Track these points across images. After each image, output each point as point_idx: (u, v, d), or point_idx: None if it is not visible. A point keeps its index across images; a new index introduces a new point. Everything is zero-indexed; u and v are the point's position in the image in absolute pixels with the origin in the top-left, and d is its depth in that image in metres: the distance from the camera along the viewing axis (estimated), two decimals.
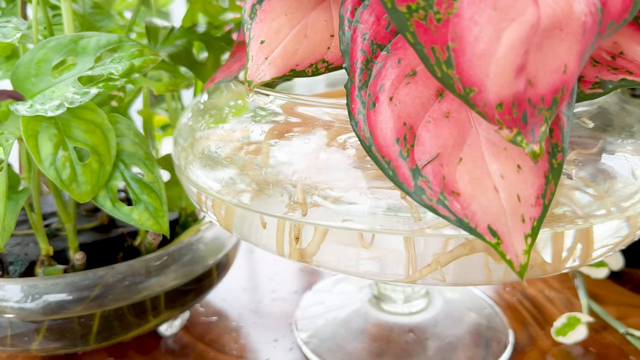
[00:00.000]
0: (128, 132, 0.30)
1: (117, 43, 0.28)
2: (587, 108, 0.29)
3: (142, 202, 0.29)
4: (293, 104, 0.28)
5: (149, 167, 0.29)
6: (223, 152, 0.29)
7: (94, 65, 0.28)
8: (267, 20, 0.26)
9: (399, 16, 0.18)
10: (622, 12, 0.20)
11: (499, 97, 0.18)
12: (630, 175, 0.29)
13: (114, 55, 0.28)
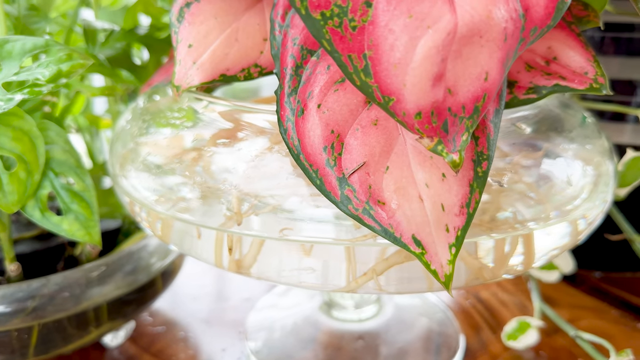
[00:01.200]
0: (58, 140, 0.29)
1: (44, 47, 0.27)
2: (529, 112, 0.29)
3: (72, 212, 0.28)
4: (230, 110, 0.28)
5: (80, 175, 0.28)
6: (157, 160, 0.28)
7: (20, 71, 0.26)
8: (196, 23, 0.25)
9: (313, 23, 0.18)
10: (545, 18, 0.19)
11: (417, 107, 0.18)
12: (569, 180, 0.29)
13: (41, 60, 0.27)
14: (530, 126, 0.29)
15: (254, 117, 0.27)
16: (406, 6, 0.17)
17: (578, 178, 0.30)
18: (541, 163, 0.29)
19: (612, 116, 0.42)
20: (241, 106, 0.27)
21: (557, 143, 0.30)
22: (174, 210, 0.27)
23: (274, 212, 0.26)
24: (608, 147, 0.32)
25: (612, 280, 0.47)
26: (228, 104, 0.27)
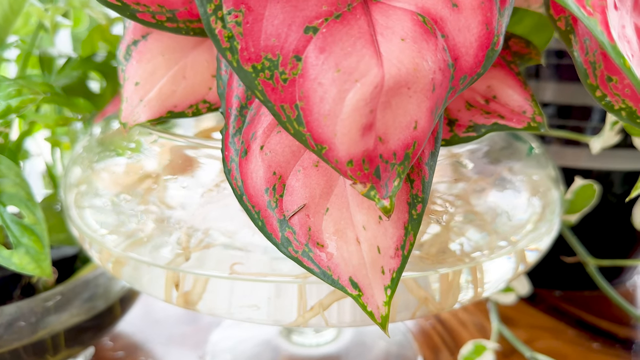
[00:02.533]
0: (9, 173, 0.29)
1: None
2: (476, 145, 0.30)
3: (22, 246, 0.28)
4: (180, 145, 0.28)
5: (31, 208, 0.28)
6: (107, 193, 0.29)
7: None
8: (143, 61, 0.25)
9: (245, 75, 0.18)
10: (474, 66, 0.20)
11: (348, 155, 0.18)
12: (516, 210, 0.30)
13: None
14: (477, 159, 0.29)
15: (203, 152, 0.27)
16: (334, 61, 0.18)
17: (525, 208, 0.30)
18: (488, 195, 0.30)
19: (567, 140, 0.43)
20: (191, 141, 0.27)
21: (504, 174, 0.31)
22: (122, 245, 0.27)
23: (224, 247, 0.27)
24: (555, 176, 0.32)
25: (571, 299, 0.48)
26: (177, 139, 0.27)
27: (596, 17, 0.15)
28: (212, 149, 0.27)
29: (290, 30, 0.18)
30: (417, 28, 0.19)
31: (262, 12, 0.18)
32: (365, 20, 0.19)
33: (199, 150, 0.27)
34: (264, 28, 0.18)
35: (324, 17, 0.18)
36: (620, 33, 0.16)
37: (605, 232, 0.44)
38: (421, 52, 0.18)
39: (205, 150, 0.27)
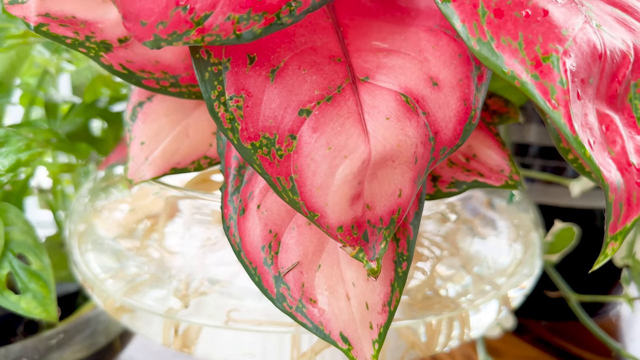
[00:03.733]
0: (17, 221, 0.30)
1: (4, 138, 0.29)
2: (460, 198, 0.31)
3: (30, 291, 0.29)
4: (182, 196, 0.29)
5: (38, 255, 0.30)
6: (109, 240, 0.30)
7: None
8: (148, 122, 0.27)
9: (245, 151, 0.20)
10: (453, 139, 0.22)
11: (338, 222, 0.20)
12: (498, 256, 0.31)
13: (1, 150, 0.28)
14: (460, 208, 0.31)
15: (204, 204, 0.29)
16: (326, 139, 0.19)
17: (507, 253, 0.32)
18: (471, 241, 0.31)
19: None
20: (192, 195, 0.29)
21: (486, 220, 0.32)
22: (122, 290, 0.29)
23: (220, 294, 0.28)
24: (535, 220, 0.34)
25: (556, 330, 0.50)
26: (179, 192, 0.29)
27: (560, 111, 0.17)
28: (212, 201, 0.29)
29: (286, 113, 0.19)
30: (401, 107, 0.20)
31: (260, 96, 0.19)
32: (354, 100, 0.20)
33: (200, 201, 0.29)
34: (262, 111, 0.19)
35: (316, 100, 0.20)
36: (583, 121, 0.18)
37: (587, 267, 0.46)
38: (404, 129, 0.20)
39: (205, 202, 0.29)
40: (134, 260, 0.30)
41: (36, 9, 0.23)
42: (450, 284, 0.30)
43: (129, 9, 0.17)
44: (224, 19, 0.17)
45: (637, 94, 0.19)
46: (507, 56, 0.18)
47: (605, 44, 0.18)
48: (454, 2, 0.18)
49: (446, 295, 0.29)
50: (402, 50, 0.22)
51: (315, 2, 0.18)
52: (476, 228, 0.32)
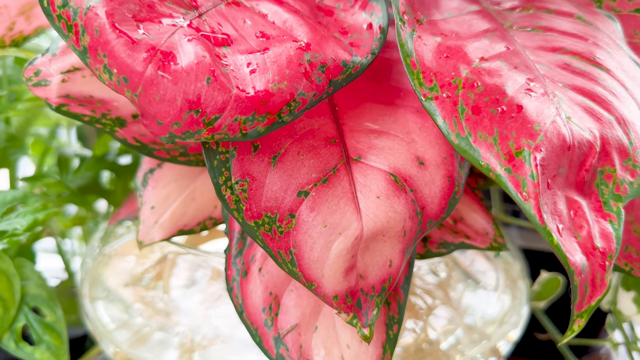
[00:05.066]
0: (32, 275, 0.32)
1: (22, 199, 0.31)
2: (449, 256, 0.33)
3: (44, 342, 0.31)
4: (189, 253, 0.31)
5: (52, 307, 0.32)
6: (118, 288, 0.32)
7: (0, 220, 0.30)
8: (158, 187, 0.29)
9: (249, 228, 0.22)
10: (439, 212, 0.24)
11: (334, 291, 0.22)
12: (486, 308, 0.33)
13: (19, 210, 0.30)
14: (449, 265, 0.33)
15: (209, 261, 0.31)
16: (322, 218, 0.21)
17: (494, 303, 0.34)
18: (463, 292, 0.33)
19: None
20: (195, 252, 0.31)
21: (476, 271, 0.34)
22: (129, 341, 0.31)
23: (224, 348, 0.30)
24: (521, 271, 0.36)
25: None
26: (182, 249, 0.31)
27: (530, 203, 0.19)
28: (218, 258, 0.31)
29: (286, 194, 0.21)
30: (390, 186, 0.22)
31: (263, 180, 0.21)
32: (348, 180, 0.22)
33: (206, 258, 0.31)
34: (265, 193, 0.21)
35: (313, 182, 0.22)
36: (552, 209, 0.20)
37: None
38: (393, 207, 0.22)
39: (211, 259, 0.31)
40: (141, 310, 0.32)
41: (57, 91, 0.25)
42: (442, 335, 0.32)
43: (146, 109, 0.19)
44: (231, 120, 0.19)
45: (604, 179, 0.21)
46: (483, 150, 0.20)
47: (574, 136, 0.20)
48: (436, 99, 0.20)
49: (438, 348, 0.31)
50: (391, 131, 0.24)
51: (312, 100, 0.20)
52: (466, 278, 0.33)
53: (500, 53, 0.22)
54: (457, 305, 0.33)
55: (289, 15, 0.22)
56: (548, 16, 0.27)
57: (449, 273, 0.33)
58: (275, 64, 0.20)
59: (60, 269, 0.47)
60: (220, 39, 0.20)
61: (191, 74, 0.18)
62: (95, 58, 0.18)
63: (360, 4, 0.25)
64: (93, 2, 0.18)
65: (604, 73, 0.24)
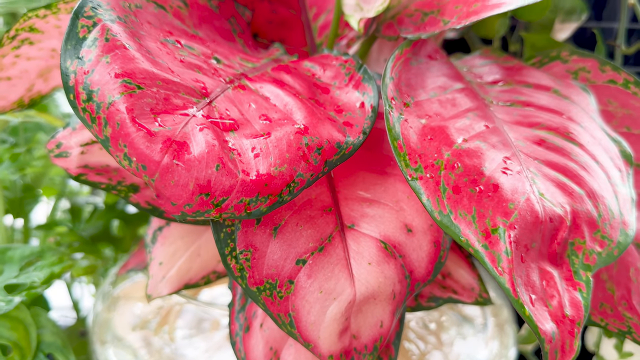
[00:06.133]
0: (47, 324, 0.34)
1: (40, 253, 0.33)
2: None
3: None
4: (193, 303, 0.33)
5: (65, 354, 0.34)
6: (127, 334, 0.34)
7: (19, 274, 0.32)
8: (166, 244, 0.31)
9: (251, 293, 0.24)
10: (426, 275, 0.26)
11: (329, 351, 0.24)
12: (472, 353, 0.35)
13: (37, 264, 0.33)
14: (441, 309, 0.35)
15: (212, 312, 0.33)
16: (318, 284, 0.24)
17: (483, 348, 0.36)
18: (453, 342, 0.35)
19: None
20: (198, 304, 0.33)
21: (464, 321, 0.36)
22: None
23: None
24: (508, 317, 0.38)
25: None
26: (189, 301, 0.33)
27: (504, 277, 0.21)
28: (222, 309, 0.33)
29: (286, 263, 0.24)
30: (380, 253, 0.25)
31: (265, 250, 0.24)
32: (342, 247, 0.25)
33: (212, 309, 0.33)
34: (266, 262, 0.24)
35: (310, 251, 0.24)
36: (526, 280, 0.22)
37: None
38: (384, 272, 0.24)
39: (212, 312, 0.33)
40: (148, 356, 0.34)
41: (77, 161, 0.27)
42: None
43: (162, 192, 0.21)
44: (237, 202, 0.21)
45: (574, 250, 0.23)
46: (463, 227, 0.22)
47: (546, 212, 0.23)
48: (420, 179, 0.23)
49: None
50: (382, 200, 0.26)
51: (309, 180, 0.22)
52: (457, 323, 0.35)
53: (480, 133, 0.25)
54: (448, 350, 0.35)
55: (289, 98, 0.25)
56: (527, 90, 0.29)
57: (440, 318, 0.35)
58: (276, 148, 0.22)
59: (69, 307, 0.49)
60: (228, 124, 0.23)
61: (202, 162, 0.21)
62: (117, 147, 0.21)
63: (354, 83, 0.27)
64: (115, 97, 0.21)
65: (576, 148, 0.26)
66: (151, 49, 0.23)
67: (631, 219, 0.25)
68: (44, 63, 0.36)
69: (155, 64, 0.22)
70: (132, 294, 0.38)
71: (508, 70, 0.30)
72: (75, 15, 0.22)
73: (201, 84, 0.23)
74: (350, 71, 0.28)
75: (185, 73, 0.23)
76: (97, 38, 0.22)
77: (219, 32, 0.29)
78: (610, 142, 0.28)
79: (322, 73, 0.28)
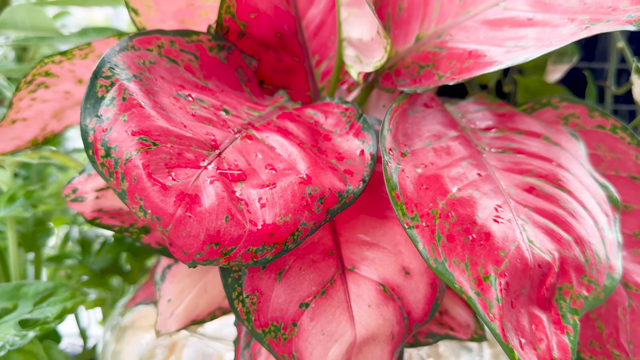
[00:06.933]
0: (59, 356, 0.35)
1: (53, 289, 0.34)
2: None
3: None
4: (201, 339, 0.35)
5: None
6: None
7: (33, 309, 0.33)
8: (174, 282, 0.32)
9: (257, 335, 0.25)
10: (423, 316, 0.27)
11: None
12: None
13: (50, 300, 0.34)
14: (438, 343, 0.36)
15: (216, 346, 0.34)
16: (320, 327, 0.25)
17: None
18: None
19: None
20: (201, 337, 0.34)
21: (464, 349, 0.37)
22: None
23: None
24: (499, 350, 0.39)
25: None
26: (189, 333, 0.34)
27: (495, 323, 0.22)
28: (224, 345, 0.34)
29: (290, 306, 0.25)
30: (380, 296, 0.26)
31: (270, 294, 0.25)
32: (343, 290, 0.26)
33: (212, 346, 0.34)
34: (271, 305, 0.25)
35: (313, 295, 0.25)
36: (516, 325, 0.23)
37: None
38: (383, 314, 0.26)
39: (216, 345, 0.34)
40: None
41: (92, 206, 0.29)
42: None
43: (175, 241, 0.22)
44: (245, 251, 0.23)
45: (562, 295, 0.25)
46: (457, 274, 0.23)
47: (535, 258, 0.24)
48: (417, 228, 0.24)
49: None
50: (381, 244, 0.28)
51: (312, 229, 0.24)
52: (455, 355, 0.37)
53: (473, 181, 0.26)
54: None
55: (293, 148, 0.26)
56: (519, 137, 0.31)
57: (438, 349, 0.36)
58: (281, 198, 0.24)
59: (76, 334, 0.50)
60: (237, 175, 0.24)
61: (213, 214, 0.22)
62: (133, 200, 0.22)
63: (354, 132, 0.29)
64: (132, 154, 0.22)
65: (565, 195, 0.27)
66: (165, 104, 0.25)
67: (617, 263, 0.27)
68: (58, 104, 0.38)
69: (169, 120, 0.24)
70: (139, 324, 0.39)
71: (501, 117, 0.32)
72: (94, 75, 0.24)
73: (211, 136, 0.25)
74: (351, 119, 0.29)
75: (197, 126, 0.25)
76: (114, 97, 0.23)
77: (227, 81, 0.30)
78: (598, 187, 0.29)
79: (324, 120, 0.30)
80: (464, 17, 0.29)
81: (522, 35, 0.27)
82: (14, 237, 0.39)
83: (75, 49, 0.35)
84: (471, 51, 0.27)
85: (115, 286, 0.46)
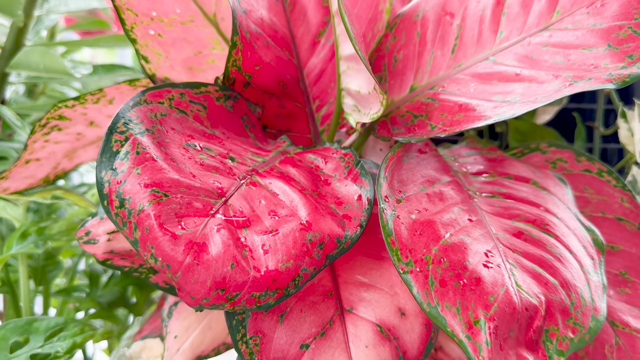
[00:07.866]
0: None
1: (64, 324, 0.35)
2: None
3: None
4: None
5: None
6: None
7: (44, 344, 0.35)
8: (180, 319, 0.34)
9: None
10: (418, 355, 0.29)
11: None
12: None
13: (60, 335, 0.35)
14: None
15: None
16: None
17: None
18: None
19: None
20: None
21: None
22: None
23: None
24: None
25: None
26: None
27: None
28: None
29: (291, 347, 0.26)
30: (376, 336, 0.27)
31: (272, 335, 0.26)
32: (342, 331, 0.27)
33: None
34: (273, 346, 0.26)
35: (313, 336, 0.27)
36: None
37: None
38: (379, 355, 0.27)
39: None
40: None
41: (104, 247, 0.30)
42: None
43: (183, 287, 0.24)
44: (249, 296, 0.24)
45: (549, 337, 0.26)
46: (449, 318, 0.25)
47: (523, 302, 0.25)
48: (411, 273, 0.26)
49: None
50: (377, 285, 0.29)
51: (312, 274, 0.25)
52: None
53: (464, 227, 0.28)
54: None
55: (294, 195, 0.28)
56: (508, 182, 0.32)
57: None
58: (284, 245, 0.25)
59: None
60: (242, 222, 0.26)
61: (219, 261, 0.24)
62: (145, 248, 0.24)
63: (352, 177, 0.30)
64: (145, 206, 0.24)
65: (552, 239, 0.29)
66: (175, 155, 0.27)
67: (602, 305, 0.28)
68: (69, 145, 0.40)
69: (180, 171, 0.26)
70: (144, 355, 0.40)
71: (491, 161, 0.34)
72: (110, 130, 0.26)
73: (218, 184, 0.27)
74: (349, 165, 0.31)
75: (205, 175, 0.27)
76: (129, 152, 0.25)
77: (233, 128, 0.32)
78: (584, 231, 0.31)
79: (324, 165, 0.31)
80: (455, 70, 0.31)
81: (509, 90, 0.28)
82: (25, 272, 0.40)
83: (87, 94, 0.37)
84: (462, 104, 0.29)
85: (120, 316, 0.47)
